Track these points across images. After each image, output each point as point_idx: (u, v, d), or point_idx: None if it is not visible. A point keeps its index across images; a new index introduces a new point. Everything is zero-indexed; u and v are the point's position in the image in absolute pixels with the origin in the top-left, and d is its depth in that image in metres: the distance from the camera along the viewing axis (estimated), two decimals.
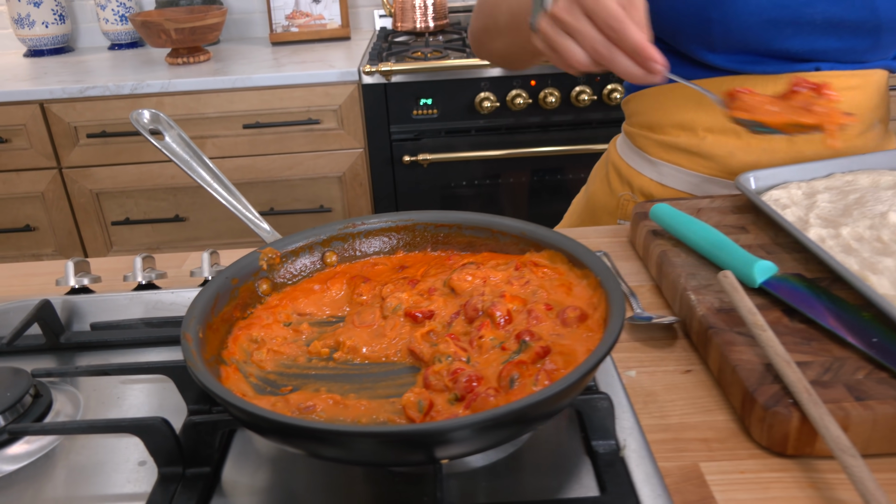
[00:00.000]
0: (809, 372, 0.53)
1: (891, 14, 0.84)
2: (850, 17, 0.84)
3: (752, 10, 0.82)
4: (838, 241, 0.67)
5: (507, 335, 0.52)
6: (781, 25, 0.84)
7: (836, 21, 0.84)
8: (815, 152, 0.89)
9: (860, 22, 0.84)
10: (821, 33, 0.85)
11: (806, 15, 0.83)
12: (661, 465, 0.51)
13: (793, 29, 0.84)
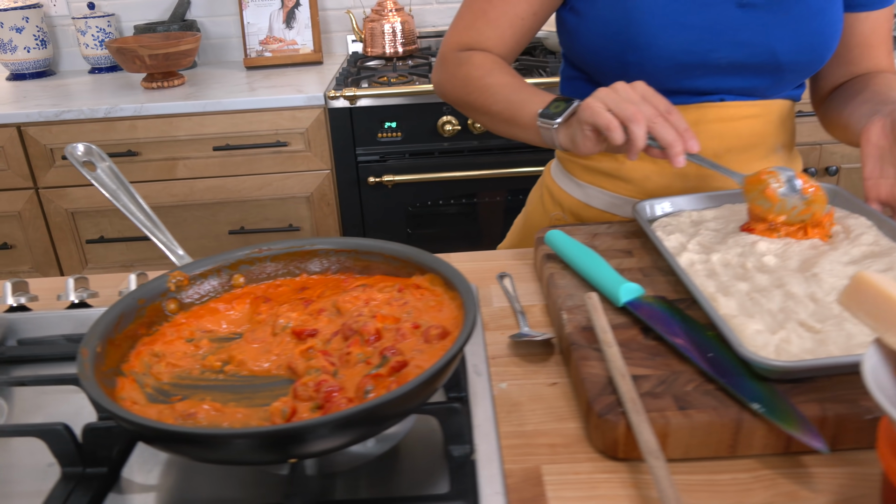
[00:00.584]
0: (646, 384, 0.59)
1: (790, 58, 0.91)
2: (752, 62, 0.91)
3: (665, 56, 0.90)
4: (706, 266, 0.74)
5: (374, 351, 0.58)
6: (691, 68, 0.91)
7: (740, 65, 0.91)
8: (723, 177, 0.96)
9: (761, 65, 0.92)
10: (726, 74, 0.92)
11: (712, 60, 0.90)
12: (507, 467, 0.57)
13: (701, 71, 0.91)
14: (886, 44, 1.01)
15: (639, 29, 0.88)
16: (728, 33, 0.89)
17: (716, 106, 0.94)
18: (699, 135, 0.93)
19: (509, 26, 0.94)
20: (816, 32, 0.91)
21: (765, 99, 0.97)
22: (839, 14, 0.94)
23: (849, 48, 1.00)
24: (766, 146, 0.98)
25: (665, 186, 0.97)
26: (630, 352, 0.64)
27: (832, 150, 2.08)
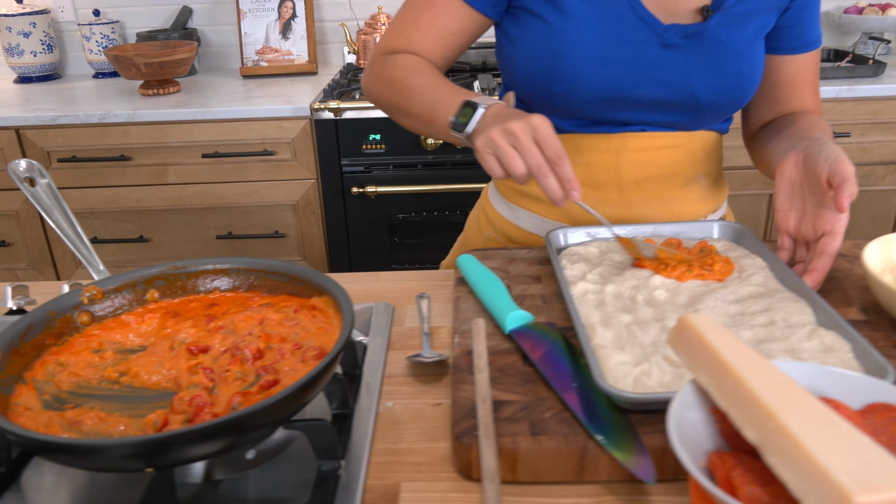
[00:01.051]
0: (509, 409, 0.63)
1: (709, 98, 0.94)
2: (672, 99, 0.94)
3: (589, 88, 0.93)
4: (598, 296, 0.77)
5: (252, 369, 0.62)
6: (614, 102, 0.94)
7: (661, 101, 0.94)
8: (642, 201, 0.99)
9: (681, 103, 0.95)
10: (647, 109, 0.95)
11: (634, 95, 0.93)
12: (370, 482, 0.61)
13: (623, 105, 0.94)
14: (812, 85, 1.03)
15: (565, 61, 0.91)
16: (650, 71, 0.92)
17: (636, 136, 0.97)
18: (620, 162, 0.97)
19: (437, 38, 0.97)
20: (735, 75, 0.93)
21: (687, 131, 1.00)
22: (759, 58, 0.96)
23: (775, 88, 1.02)
24: (686, 175, 1.01)
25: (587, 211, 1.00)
26: (505, 377, 0.67)
27: None
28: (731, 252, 0.86)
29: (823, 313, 0.70)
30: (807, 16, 0.97)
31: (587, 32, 0.90)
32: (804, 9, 0.97)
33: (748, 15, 0.92)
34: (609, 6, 0.90)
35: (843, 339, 0.66)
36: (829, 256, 0.79)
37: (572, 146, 0.98)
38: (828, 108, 2.00)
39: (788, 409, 0.45)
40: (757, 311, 0.72)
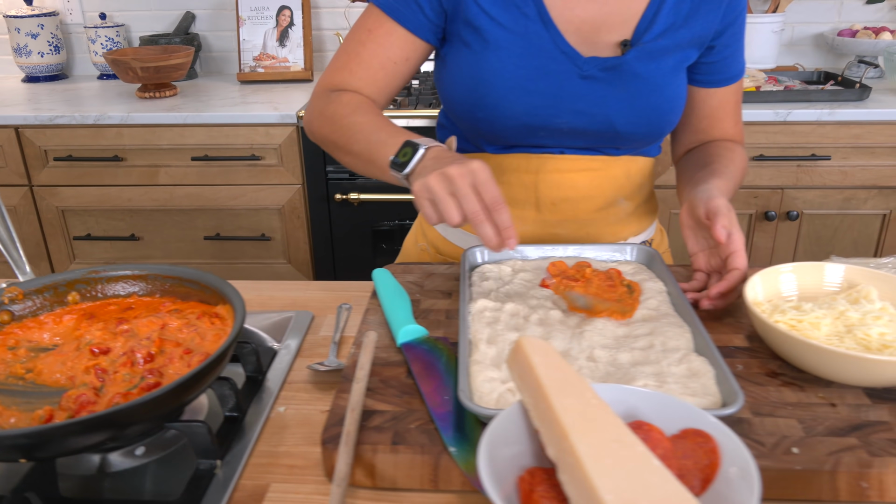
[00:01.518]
0: (379, 419, 0.66)
1: (627, 129, 0.97)
2: (591, 129, 0.97)
3: (510, 116, 0.96)
4: (494, 314, 0.80)
5: (140, 372, 0.67)
6: (535, 129, 0.97)
7: (580, 131, 0.97)
8: (558, 221, 1.02)
9: (600, 132, 0.97)
10: (568, 137, 0.98)
11: (554, 124, 0.97)
12: (242, 482, 0.65)
13: (545, 132, 0.98)
14: (733, 115, 1.06)
15: (487, 90, 0.95)
16: (570, 102, 0.95)
17: (555, 158, 1.00)
18: (538, 183, 1.00)
19: (380, 68, 0.98)
20: (653, 107, 0.96)
21: (607, 154, 1.02)
22: (679, 91, 0.99)
23: (699, 118, 1.05)
24: (605, 198, 1.03)
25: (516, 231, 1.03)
26: (386, 388, 0.71)
27: (794, 196, 2.09)
28: (639, 275, 0.88)
29: (701, 339, 0.72)
30: (730, 52, 1.00)
31: (509, 63, 0.93)
32: (727, 46, 0.99)
33: (666, 50, 0.95)
34: (531, 38, 0.93)
35: (710, 366, 0.69)
36: (738, 270, 0.81)
37: (494, 165, 1.01)
38: (809, 131, 2.01)
39: (583, 430, 0.48)
40: (641, 334, 0.75)
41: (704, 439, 0.52)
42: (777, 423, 0.65)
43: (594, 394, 0.52)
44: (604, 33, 0.94)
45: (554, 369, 0.53)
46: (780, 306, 0.74)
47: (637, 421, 0.53)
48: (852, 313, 0.71)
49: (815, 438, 0.63)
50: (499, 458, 0.51)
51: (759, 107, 2.01)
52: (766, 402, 0.67)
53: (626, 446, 0.48)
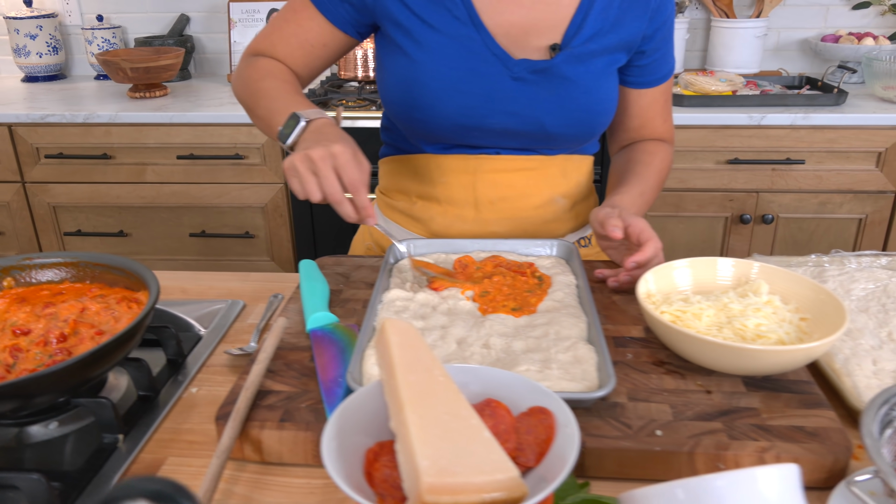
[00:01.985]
0: (273, 398, 0.70)
1: (557, 130, 1.00)
2: (523, 130, 1.00)
3: (444, 117, 1.00)
4: (405, 303, 0.83)
5: (51, 351, 0.71)
6: (469, 130, 1.01)
7: (512, 131, 1.00)
8: (496, 220, 1.05)
9: (532, 133, 1.01)
10: (501, 137, 1.02)
11: (487, 124, 1.00)
12: (142, 455, 0.68)
13: (479, 133, 1.01)
14: (662, 114, 1.09)
15: (421, 91, 0.98)
16: (501, 103, 0.98)
17: (492, 158, 1.04)
18: (476, 182, 1.04)
19: (299, 47, 1.03)
20: (583, 109, 0.99)
21: (543, 154, 1.05)
22: (610, 93, 1.02)
23: (631, 117, 1.08)
24: (542, 196, 1.06)
25: (446, 227, 1.07)
26: (288, 370, 0.74)
27: (770, 199, 2.10)
28: (555, 269, 0.91)
29: (594, 330, 0.75)
30: (659, 55, 1.03)
31: (442, 65, 0.97)
32: (657, 49, 1.02)
33: (594, 54, 0.98)
34: (463, 40, 0.97)
35: (595, 353, 0.72)
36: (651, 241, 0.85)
37: (435, 165, 1.05)
38: (783, 135, 2.02)
39: (419, 403, 0.51)
40: (539, 323, 0.78)
41: (546, 416, 0.55)
42: (649, 408, 0.67)
43: (443, 372, 0.55)
44: (533, 37, 0.98)
45: (408, 349, 0.56)
46: (671, 299, 0.77)
47: (488, 399, 0.56)
48: (735, 305, 0.74)
49: (681, 422, 0.65)
50: (353, 431, 0.54)
51: (733, 111, 2.03)
52: (644, 388, 0.70)
53: (460, 419, 0.51)
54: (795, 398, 0.69)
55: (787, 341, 0.70)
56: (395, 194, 1.12)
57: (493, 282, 0.85)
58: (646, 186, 1.00)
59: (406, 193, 1.11)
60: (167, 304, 0.95)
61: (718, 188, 2.11)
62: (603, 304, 0.87)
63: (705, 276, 0.82)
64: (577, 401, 0.65)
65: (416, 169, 1.08)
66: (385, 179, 1.15)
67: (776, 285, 0.78)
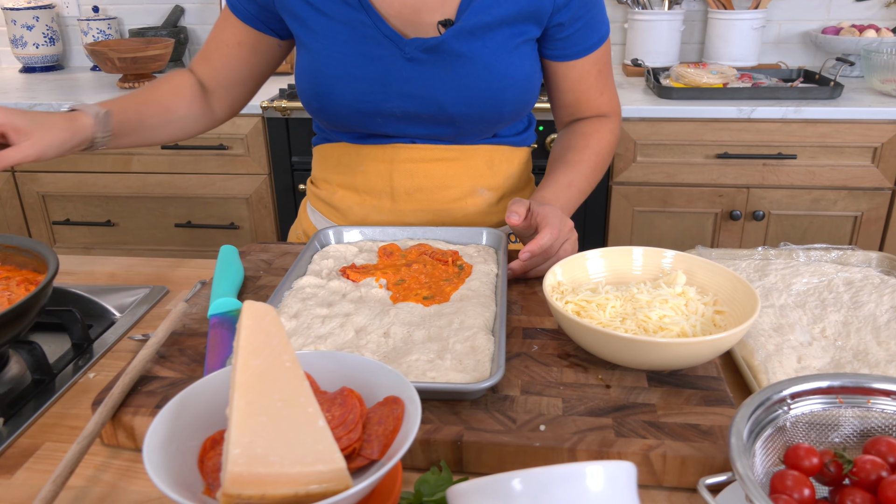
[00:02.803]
0: (157, 384, 0.68)
1: (458, 111, 0.96)
2: (423, 112, 0.97)
3: (342, 103, 0.97)
4: (314, 290, 0.81)
5: None
6: (370, 116, 0.98)
7: (413, 115, 0.97)
8: (413, 211, 1.02)
9: (433, 116, 0.97)
10: (406, 123, 0.98)
11: (386, 109, 0.97)
12: (21, 440, 0.67)
13: (381, 119, 0.98)
14: (598, 85, 1.03)
15: (319, 78, 0.96)
16: (397, 85, 0.95)
17: (407, 147, 1.00)
18: (392, 172, 1.01)
19: (215, 49, 1.03)
20: (483, 87, 0.94)
21: (465, 143, 1.01)
22: (516, 69, 0.95)
23: (563, 93, 1.03)
24: (462, 189, 1.03)
25: (363, 217, 1.04)
26: (180, 356, 0.72)
27: (760, 195, 2.04)
28: (479, 257, 0.88)
29: (499, 320, 0.72)
30: (582, 24, 0.96)
31: (335, 51, 0.94)
32: (578, 18, 0.96)
33: (489, 27, 0.92)
34: (355, 24, 0.93)
35: (492, 344, 0.69)
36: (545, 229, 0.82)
37: (355, 154, 1.02)
38: (774, 129, 1.96)
39: (253, 388, 0.48)
40: (447, 312, 0.75)
41: (397, 405, 0.52)
42: (540, 402, 0.64)
43: (292, 358, 0.52)
44: (425, 14, 0.94)
45: (259, 332, 0.53)
46: (579, 289, 0.73)
47: (344, 387, 0.53)
48: (643, 296, 0.70)
49: (570, 418, 0.62)
50: (195, 419, 0.52)
51: (723, 103, 1.97)
52: (541, 381, 0.67)
53: (295, 407, 0.48)
54: (697, 394, 0.65)
55: (691, 334, 0.66)
56: (321, 183, 1.10)
57: (410, 270, 0.82)
58: (576, 175, 0.96)
59: (329, 182, 1.08)
60: (89, 288, 0.93)
61: (707, 183, 2.05)
62: (523, 294, 0.84)
63: (620, 266, 0.78)
64: (458, 392, 0.61)
65: (339, 158, 1.06)
66: (314, 169, 1.13)
67: (695, 276, 0.75)
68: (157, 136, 1.00)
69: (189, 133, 1.05)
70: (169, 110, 1.00)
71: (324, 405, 0.52)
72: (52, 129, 0.81)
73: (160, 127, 0.99)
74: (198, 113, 1.05)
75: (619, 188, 2.08)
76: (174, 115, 1.01)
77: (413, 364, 0.65)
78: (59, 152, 0.82)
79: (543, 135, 2.02)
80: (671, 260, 0.76)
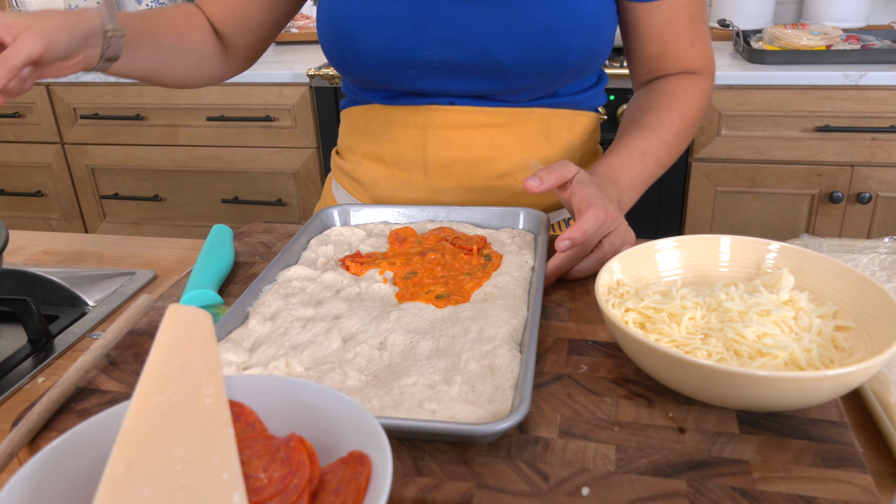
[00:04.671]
0: (96, 400, 0.54)
1: (510, 59, 0.78)
2: (466, 61, 0.79)
3: (368, 51, 0.80)
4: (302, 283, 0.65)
5: None
6: (402, 67, 0.81)
7: (454, 64, 0.79)
8: (449, 189, 0.85)
9: (479, 66, 0.79)
10: (445, 75, 0.81)
11: (421, 58, 0.79)
12: None
13: (415, 70, 0.81)
14: (688, 34, 0.82)
15: (341, 21, 0.79)
16: (433, 27, 0.77)
17: (444, 110, 0.83)
18: (426, 140, 0.84)
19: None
20: (543, 29, 0.75)
21: (514, 105, 0.83)
22: (581, 7, 0.76)
23: (645, 43, 0.83)
24: (511, 161, 0.84)
25: (391, 193, 0.87)
26: (134, 363, 0.58)
27: (867, 175, 1.77)
28: (514, 244, 0.70)
29: (529, 331, 0.55)
30: None
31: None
32: None
33: None
34: None
35: (517, 364, 0.51)
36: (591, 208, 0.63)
37: (384, 118, 0.86)
38: (887, 98, 1.69)
39: (142, 443, 0.33)
40: (464, 317, 0.58)
41: (363, 467, 0.35)
42: (585, 451, 0.46)
43: (217, 391, 0.36)
44: None
45: (177, 352, 0.38)
46: (644, 292, 0.54)
47: (292, 434, 0.37)
48: (733, 304, 0.51)
49: (625, 477, 0.44)
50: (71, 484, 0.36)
51: (826, 68, 1.71)
52: (588, 418, 0.49)
53: (201, 471, 0.32)
54: (812, 449, 0.46)
55: (804, 362, 0.47)
56: (346, 153, 0.94)
57: (424, 260, 0.65)
58: (654, 141, 0.76)
59: (354, 152, 0.92)
60: (65, 273, 0.80)
61: (804, 160, 1.79)
62: (572, 292, 0.66)
63: (702, 261, 0.58)
64: (464, 435, 0.44)
65: (366, 123, 0.89)
66: (340, 136, 0.97)
67: (807, 278, 0.55)
68: (171, 64, 0.82)
69: (204, 74, 0.88)
70: (182, 36, 0.83)
71: (259, 460, 0.36)
72: (50, 17, 0.64)
73: (174, 52, 0.81)
74: (212, 51, 0.87)
75: (700, 165, 1.84)
76: (187, 44, 0.83)
77: (408, 391, 0.48)
78: (68, 42, 0.62)
79: (614, 105, 1.80)
80: (775, 254, 0.57)
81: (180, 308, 0.41)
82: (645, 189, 0.77)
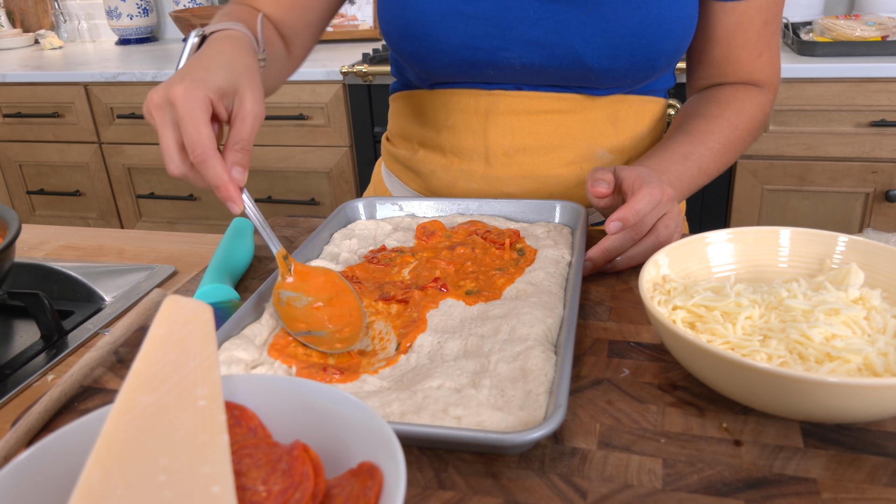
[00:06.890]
0: (99, 400, 0.51)
1: (600, 63, 0.72)
2: (552, 65, 0.74)
3: (444, 49, 0.75)
4: None
5: None
6: (480, 67, 0.76)
7: (538, 68, 0.75)
8: (511, 178, 0.80)
9: (565, 70, 0.74)
10: (525, 78, 0.76)
11: (502, 60, 0.75)
12: None
13: (493, 70, 0.76)
14: (758, 42, 0.76)
15: (414, 15, 0.74)
16: (519, 28, 0.72)
17: (508, 95, 0.77)
18: (488, 127, 0.79)
19: None
20: (637, 34, 0.70)
21: (584, 93, 0.78)
22: (675, 11, 0.71)
23: (712, 44, 0.77)
24: (578, 150, 0.79)
25: (449, 183, 0.83)
26: None
27: None
28: (550, 238, 0.65)
29: (565, 331, 0.50)
30: None
31: None
32: None
33: None
34: None
35: (551, 366, 0.46)
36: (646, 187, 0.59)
37: (441, 104, 0.81)
38: None
39: (123, 449, 0.29)
40: (495, 315, 0.53)
41: (373, 481, 0.31)
42: (628, 464, 0.41)
43: (212, 392, 0.33)
44: None
45: (171, 348, 0.34)
46: (694, 288, 0.49)
47: (297, 443, 0.33)
48: (797, 302, 0.45)
49: (675, 495, 0.39)
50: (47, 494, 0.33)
51: (882, 60, 1.62)
52: (631, 428, 0.44)
53: (187, 481, 0.29)
54: (891, 466, 0.40)
55: (881, 367, 0.41)
56: (399, 140, 0.90)
57: (453, 255, 0.61)
58: (698, 148, 0.71)
59: (408, 140, 0.88)
60: (83, 267, 0.78)
61: (858, 157, 1.70)
62: (613, 290, 0.61)
63: (759, 255, 0.53)
64: (492, 445, 0.40)
65: (421, 108, 0.84)
66: (391, 122, 0.92)
67: (878, 273, 0.49)
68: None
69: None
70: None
71: (258, 471, 0.32)
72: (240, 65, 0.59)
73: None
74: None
75: (747, 162, 1.76)
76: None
77: (432, 394, 0.44)
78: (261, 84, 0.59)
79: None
80: (843, 248, 0.51)
81: (178, 300, 0.37)
82: (686, 196, 0.72)
